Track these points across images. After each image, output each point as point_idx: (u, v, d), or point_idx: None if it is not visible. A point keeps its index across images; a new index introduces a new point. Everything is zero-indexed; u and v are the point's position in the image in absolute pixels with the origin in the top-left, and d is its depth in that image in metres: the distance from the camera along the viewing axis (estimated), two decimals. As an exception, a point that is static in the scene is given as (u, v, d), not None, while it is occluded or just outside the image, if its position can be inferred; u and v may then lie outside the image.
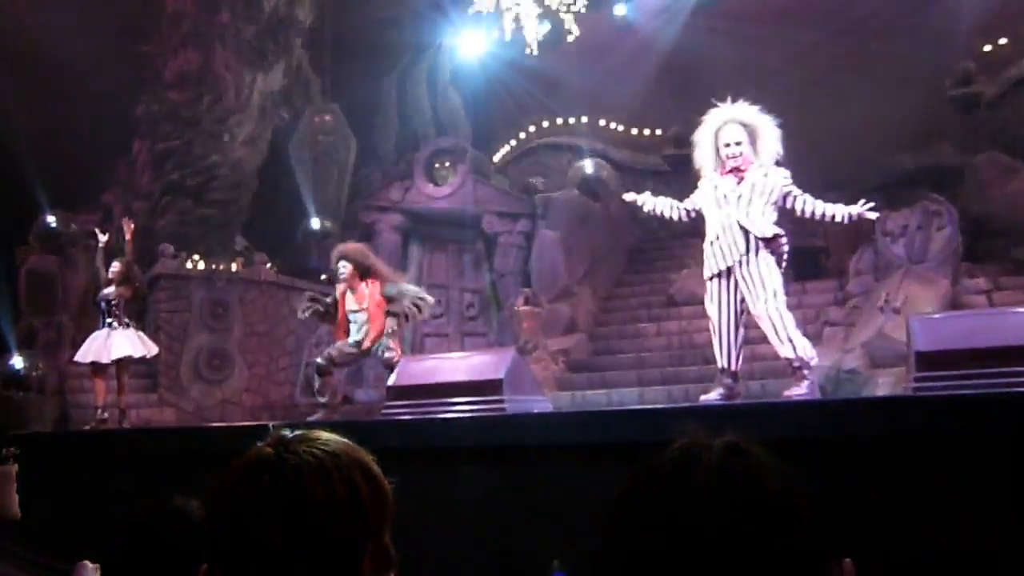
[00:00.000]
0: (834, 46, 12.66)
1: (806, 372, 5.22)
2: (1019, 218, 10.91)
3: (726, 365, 5.50)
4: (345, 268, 6.97)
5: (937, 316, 4.64)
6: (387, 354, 7.01)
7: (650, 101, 14.69)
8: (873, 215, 5.35)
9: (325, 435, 1.28)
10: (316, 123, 15.58)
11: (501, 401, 5.12)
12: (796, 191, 5.42)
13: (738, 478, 1.07)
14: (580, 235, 13.80)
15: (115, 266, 8.22)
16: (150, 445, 5.88)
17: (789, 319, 5.32)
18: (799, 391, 5.15)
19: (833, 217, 5.37)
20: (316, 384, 7.16)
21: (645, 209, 5.77)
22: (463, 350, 13.69)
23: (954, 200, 10.73)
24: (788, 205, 5.42)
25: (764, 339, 5.60)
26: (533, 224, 14.12)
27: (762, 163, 5.40)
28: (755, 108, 5.48)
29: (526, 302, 11.84)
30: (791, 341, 5.24)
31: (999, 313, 4.76)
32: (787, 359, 5.29)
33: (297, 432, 1.28)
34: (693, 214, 5.59)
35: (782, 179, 5.41)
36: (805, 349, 5.25)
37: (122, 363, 8.03)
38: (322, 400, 7.02)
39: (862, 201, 5.35)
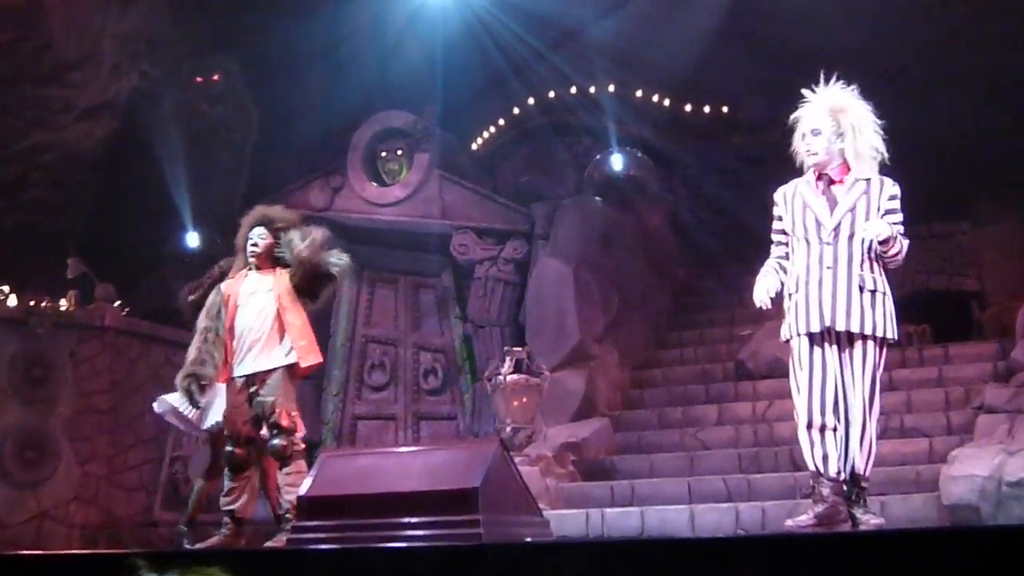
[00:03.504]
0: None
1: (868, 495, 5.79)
2: None
3: (822, 469, 5.59)
4: (262, 239, 7.27)
5: None
6: (277, 440, 6.94)
7: (711, 63, 14.82)
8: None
9: None
10: (198, 85, 15.62)
11: (475, 523, 5.10)
12: (893, 227, 5.71)
13: None
14: (602, 266, 13.84)
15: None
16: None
17: (877, 416, 5.77)
18: (876, 520, 5.65)
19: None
20: (226, 483, 7.07)
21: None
22: (417, 439, 13.61)
23: None
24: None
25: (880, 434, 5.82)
26: (530, 248, 14.16)
27: (859, 171, 5.82)
28: (849, 90, 5.95)
29: (517, 369, 11.81)
30: (871, 450, 5.71)
31: None
32: (857, 474, 5.67)
33: None
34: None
35: (887, 200, 5.78)
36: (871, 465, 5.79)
37: None
38: (229, 509, 6.95)
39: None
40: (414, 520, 5.26)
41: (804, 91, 6.02)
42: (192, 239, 15.16)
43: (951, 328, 13.08)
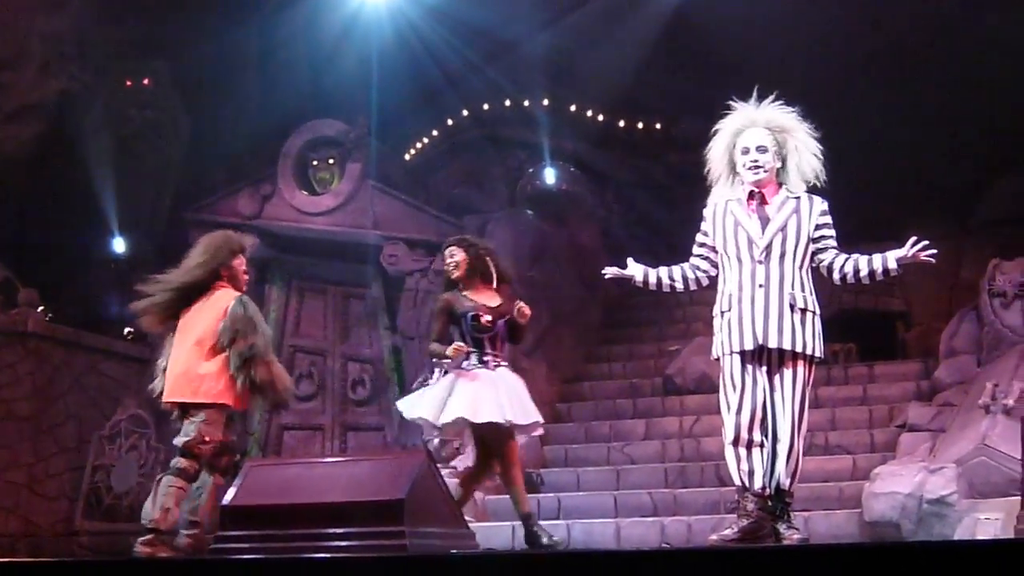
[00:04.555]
0: (921, 11, 13.04)
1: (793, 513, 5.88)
2: None
3: (747, 484, 5.64)
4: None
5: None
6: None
7: (646, 80, 14.93)
8: (928, 255, 5.80)
9: None
10: (128, 89, 15.46)
11: (401, 534, 5.09)
12: (827, 240, 5.89)
13: None
14: (533, 279, 13.85)
15: (457, 253, 7.80)
16: None
17: (804, 433, 5.85)
18: (798, 535, 5.72)
19: (872, 274, 5.87)
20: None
21: (639, 283, 6.25)
22: (344, 451, 13.51)
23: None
24: (816, 246, 5.89)
25: (805, 450, 5.90)
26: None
27: (793, 189, 5.94)
28: (789, 110, 6.02)
29: (444, 380, 11.79)
30: (796, 466, 5.78)
31: None
32: (782, 489, 5.75)
33: None
34: (714, 271, 6.06)
35: (819, 215, 5.89)
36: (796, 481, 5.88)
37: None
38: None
39: (912, 240, 5.80)
40: (339, 531, 5.24)
41: (736, 103, 6.07)
42: (119, 244, 15.00)
43: (876, 347, 13.24)
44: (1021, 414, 8.55)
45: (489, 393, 7.37)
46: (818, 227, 5.82)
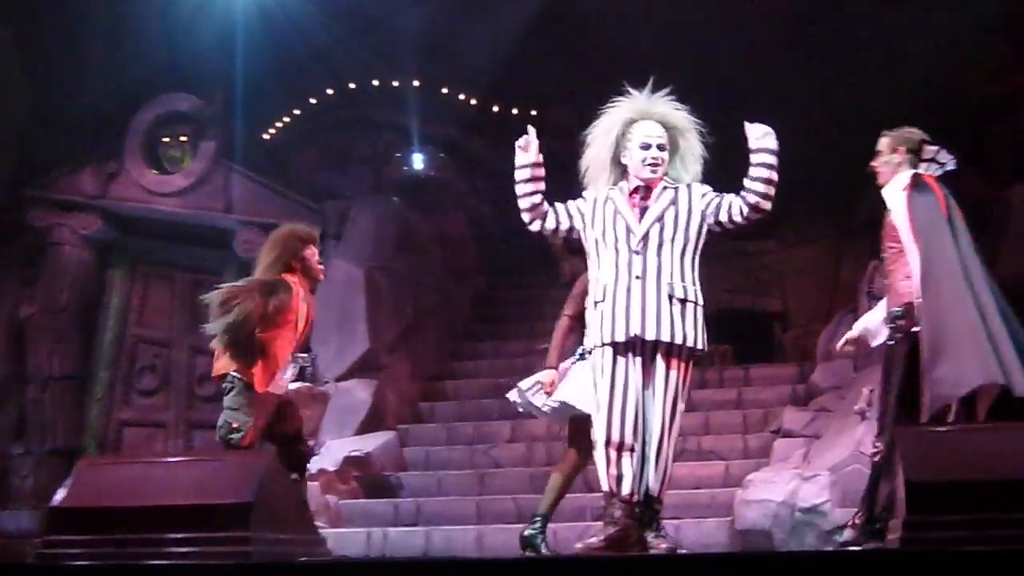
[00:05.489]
0: (805, 5, 13.33)
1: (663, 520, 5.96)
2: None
3: (615, 489, 5.68)
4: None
5: (940, 429, 4.88)
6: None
7: (523, 63, 14.98)
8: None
9: None
10: (-37, 54, 15.08)
11: (246, 539, 5.03)
12: (720, 197, 5.98)
13: None
14: (396, 270, 13.84)
15: None
16: None
17: (676, 436, 5.88)
18: (666, 544, 5.75)
19: (767, 180, 5.97)
20: None
21: (527, 163, 6.32)
22: (188, 449, 13.33)
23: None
24: (721, 218, 5.96)
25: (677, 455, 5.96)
26: (321, 248, 14.05)
27: (672, 180, 6.06)
28: (681, 108, 6.12)
29: (300, 377, 11.71)
30: (666, 472, 5.82)
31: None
32: (651, 496, 5.79)
33: None
34: (575, 233, 6.12)
35: (699, 199, 5.98)
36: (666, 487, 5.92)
37: None
38: None
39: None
40: (179, 536, 5.17)
41: (628, 91, 6.11)
42: (-53, 223, 14.62)
43: (753, 349, 13.49)
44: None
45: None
46: (707, 205, 5.91)
